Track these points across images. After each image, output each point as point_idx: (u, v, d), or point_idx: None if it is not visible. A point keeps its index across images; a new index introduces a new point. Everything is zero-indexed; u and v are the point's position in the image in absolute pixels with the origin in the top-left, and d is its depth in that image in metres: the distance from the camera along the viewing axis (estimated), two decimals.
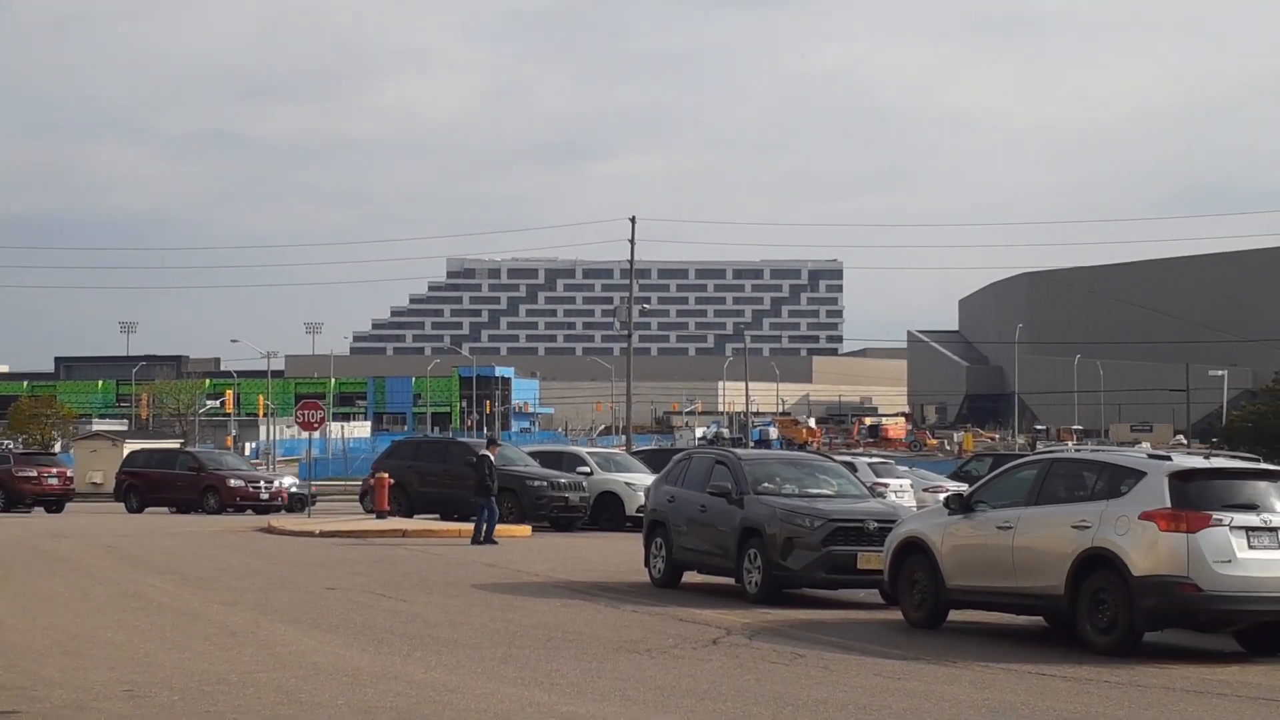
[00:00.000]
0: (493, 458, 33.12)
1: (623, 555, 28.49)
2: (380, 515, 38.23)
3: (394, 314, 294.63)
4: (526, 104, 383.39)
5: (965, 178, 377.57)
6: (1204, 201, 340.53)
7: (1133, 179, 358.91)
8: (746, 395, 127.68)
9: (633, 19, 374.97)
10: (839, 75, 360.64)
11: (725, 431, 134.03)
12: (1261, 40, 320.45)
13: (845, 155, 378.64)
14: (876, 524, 20.61)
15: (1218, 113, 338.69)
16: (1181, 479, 16.07)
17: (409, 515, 39.32)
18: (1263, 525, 15.88)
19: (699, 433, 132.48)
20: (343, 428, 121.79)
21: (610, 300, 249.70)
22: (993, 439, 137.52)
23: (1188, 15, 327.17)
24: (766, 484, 22.21)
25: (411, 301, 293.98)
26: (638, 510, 36.35)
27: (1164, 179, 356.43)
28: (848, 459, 41.15)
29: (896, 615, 18.91)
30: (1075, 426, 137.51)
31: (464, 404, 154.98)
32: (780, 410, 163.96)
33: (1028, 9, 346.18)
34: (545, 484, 38.05)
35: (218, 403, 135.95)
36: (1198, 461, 17.18)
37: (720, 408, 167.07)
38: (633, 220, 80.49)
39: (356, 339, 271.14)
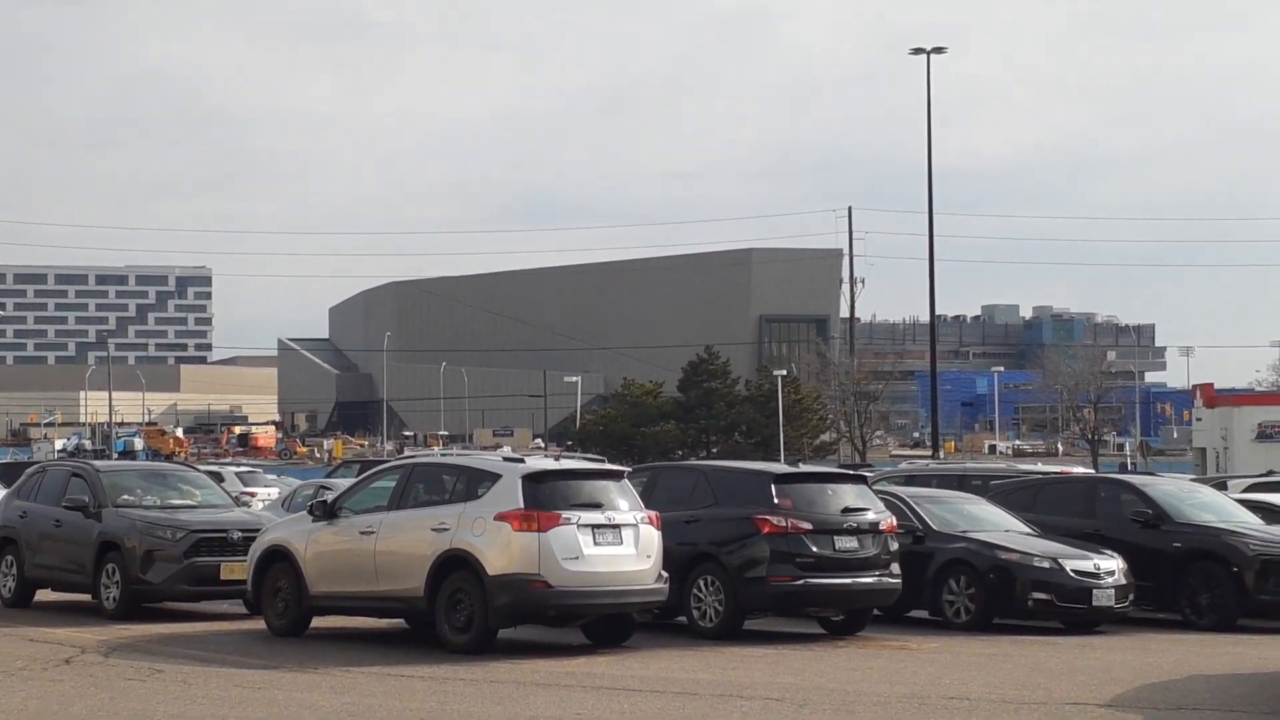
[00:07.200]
0: None
1: None
2: None
3: None
4: None
5: (311, 183, 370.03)
6: (536, 214, 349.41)
7: (468, 188, 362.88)
8: (110, 405, 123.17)
9: None
10: (166, 74, 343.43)
11: (87, 443, 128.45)
12: (589, 60, 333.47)
13: (189, 157, 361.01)
14: (241, 534, 20.46)
15: (549, 127, 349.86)
16: (534, 480, 16.87)
17: None
18: (607, 523, 16.92)
19: (59, 445, 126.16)
20: None
21: None
22: (363, 445, 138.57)
23: (519, 31, 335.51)
24: (127, 496, 21.67)
25: None
26: None
27: (496, 189, 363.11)
28: (214, 469, 40.47)
29: (260, 625, 18.84)
30: (442, 432, 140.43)
31: None
32: (147, 420, 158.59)
33: (360, 15, 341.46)
34: None
35: None
36: (548, 464, 18.13)
37: (83, 418, 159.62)
38: None
39: None
